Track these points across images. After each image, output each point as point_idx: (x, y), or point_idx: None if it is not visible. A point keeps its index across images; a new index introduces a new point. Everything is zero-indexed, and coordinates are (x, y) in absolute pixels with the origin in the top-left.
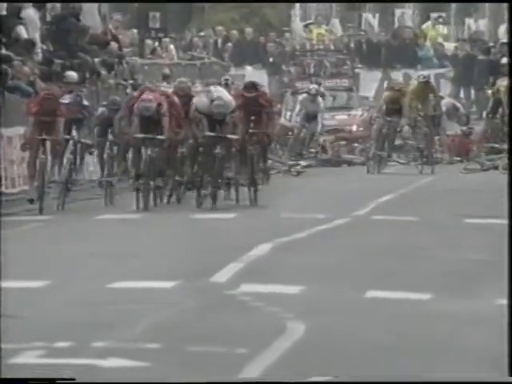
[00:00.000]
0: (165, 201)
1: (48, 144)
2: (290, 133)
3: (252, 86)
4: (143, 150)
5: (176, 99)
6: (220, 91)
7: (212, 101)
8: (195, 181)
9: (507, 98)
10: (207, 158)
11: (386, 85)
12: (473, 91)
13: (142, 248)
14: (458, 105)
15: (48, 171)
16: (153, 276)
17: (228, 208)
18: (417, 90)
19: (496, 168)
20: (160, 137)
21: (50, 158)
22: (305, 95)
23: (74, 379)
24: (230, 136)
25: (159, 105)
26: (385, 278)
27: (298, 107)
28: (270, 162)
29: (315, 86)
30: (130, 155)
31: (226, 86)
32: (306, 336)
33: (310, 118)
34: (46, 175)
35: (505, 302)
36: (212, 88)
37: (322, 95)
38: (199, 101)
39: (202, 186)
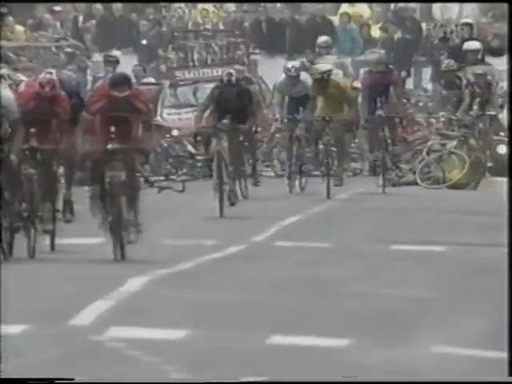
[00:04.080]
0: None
1: None
2: (168, 135)
3: (123, 81)
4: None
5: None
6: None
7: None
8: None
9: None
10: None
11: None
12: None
13: None
14: None
15: None
16: None
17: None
18: (313, 88)
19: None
20: None
21: None
22: (282, 79)
23: (72, 379)
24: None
25: None
26: (291, 319)
27: (275, 97)
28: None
29: (295, 64)
30: None
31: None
32: None
33: (298, 106)
34: None
35: (444, 349)
36: None
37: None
38: None
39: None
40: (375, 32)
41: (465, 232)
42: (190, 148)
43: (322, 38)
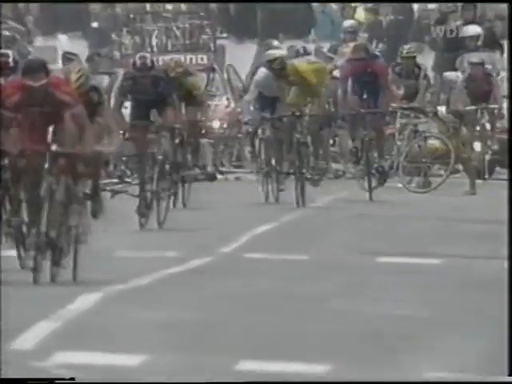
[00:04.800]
0: None
1: None
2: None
3: (38, 68)
4: None
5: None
6: None
7: None
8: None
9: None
10: None
11: None
12: None
13: None
14: None
15: None
16: None
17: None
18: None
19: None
20: None
21: None
22: (264, 71)
23: (73, 379)
24: None
25: None
26: (262, 342)
27: (251, 92)
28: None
29: (278, 53)
30: None
31: None
32: None
33: (270, 104)
34: None
35: (437, 375)
36: None
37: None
38: None
39: None
40: (360, 14)
41: (461, 243)
42: None
43: (348, 22)
